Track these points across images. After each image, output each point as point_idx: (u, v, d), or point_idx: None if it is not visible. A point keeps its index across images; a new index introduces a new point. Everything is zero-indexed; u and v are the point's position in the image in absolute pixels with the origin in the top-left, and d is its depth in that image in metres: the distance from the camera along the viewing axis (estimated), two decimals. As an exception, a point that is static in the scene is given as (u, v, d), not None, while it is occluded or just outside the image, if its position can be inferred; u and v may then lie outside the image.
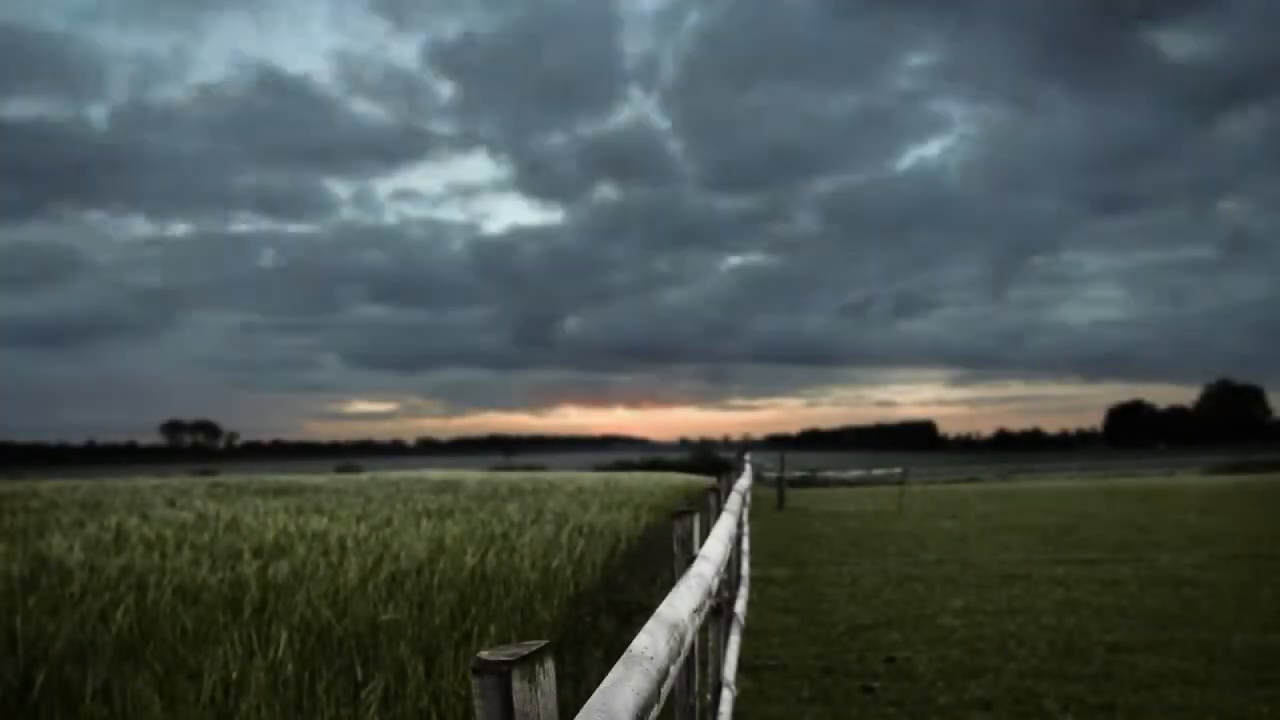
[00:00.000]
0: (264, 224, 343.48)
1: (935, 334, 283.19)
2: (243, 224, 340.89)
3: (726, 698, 4.28)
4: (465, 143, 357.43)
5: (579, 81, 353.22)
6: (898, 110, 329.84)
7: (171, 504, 15.20)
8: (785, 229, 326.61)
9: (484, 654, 0.96)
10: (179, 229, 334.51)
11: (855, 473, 34.64)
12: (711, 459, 51.23)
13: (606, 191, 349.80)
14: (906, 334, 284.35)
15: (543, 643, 1.01)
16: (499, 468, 49.47)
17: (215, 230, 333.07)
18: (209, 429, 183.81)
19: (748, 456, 19.74)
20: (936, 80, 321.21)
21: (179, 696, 4.48)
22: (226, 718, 4.40)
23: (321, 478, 28.20)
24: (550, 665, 1.00)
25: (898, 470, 24.99)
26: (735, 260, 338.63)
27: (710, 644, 4.26)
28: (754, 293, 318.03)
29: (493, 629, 5.83)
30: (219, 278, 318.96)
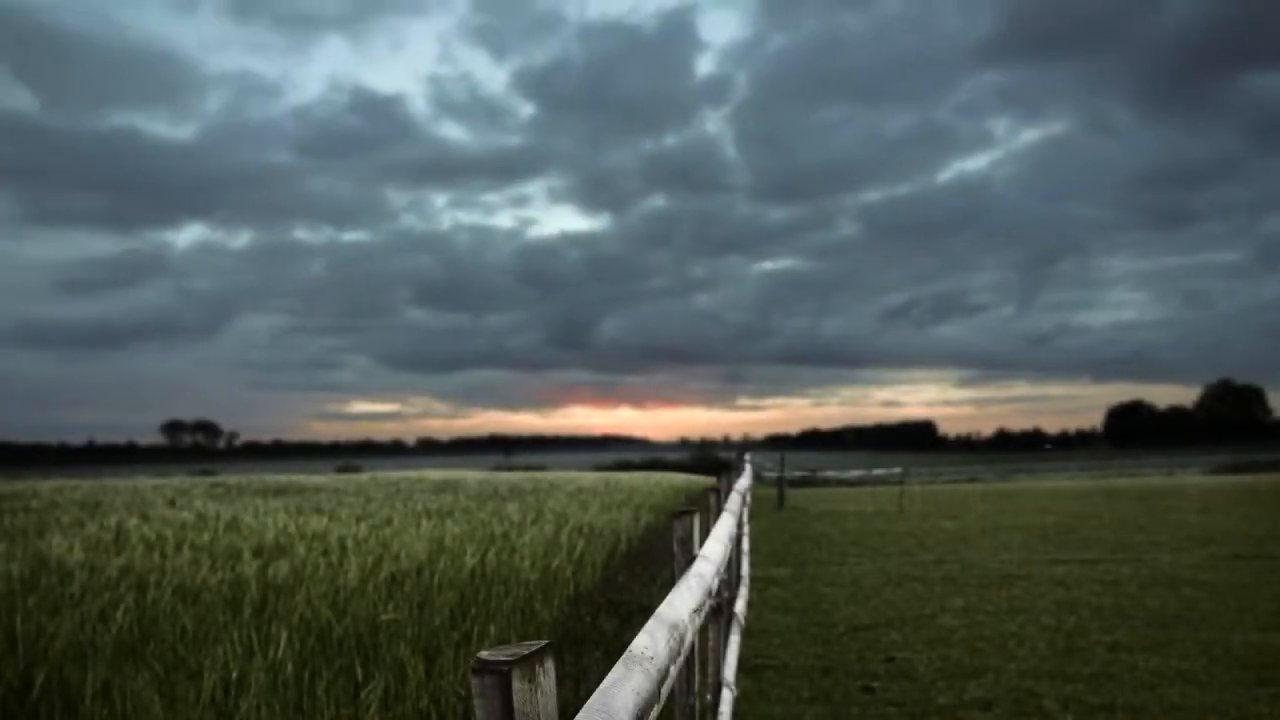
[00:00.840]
0: (326, 232, 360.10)
1: (958, 337, 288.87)
2: (308, 233, 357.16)
3: (726, 698, 4.28)
4: (534, 157, 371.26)
5: (651, 101, 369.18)
6: (954, 127, 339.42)
7: (171, 504, 15.20)
8: (824, 236, 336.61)
9: (484, 654, 0.96)
10: (252, 238, 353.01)
11: (855, 473, 34.67)
12: (711, 459, 51.22)
13: (657, 201, 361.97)
14: (928, 337, 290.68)
15: (543, 643, 1.01)
16: (499, 468, 49.48)
17: (281, 239, 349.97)
18: (209, 429, 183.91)
19: (748, 456, 19.75)
20: (994, 99, 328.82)
21: (179, 696, 4.48)
22: (226, 718, 4.40)
23: (321, 478, 28.21)
24: (550, 665, 1.00)
25: (898, 470, 24.99)
26: (769, 265, 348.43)
27: (710, 644, 4.26)
28: (785, 296, 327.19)
29: (493, 629, 5.83)
30: (280, 284, 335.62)
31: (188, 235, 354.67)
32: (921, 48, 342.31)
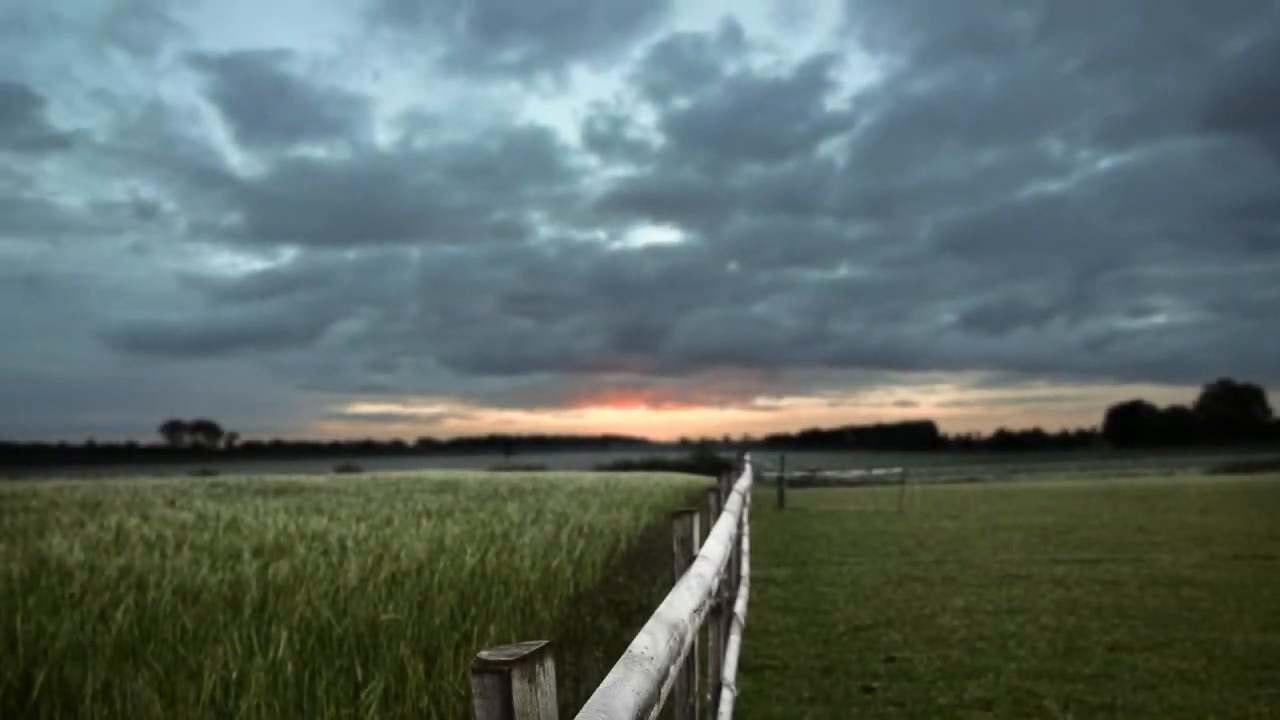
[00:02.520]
0: (435, 249, 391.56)
1: (1001, 342, 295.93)
2: (419, 249, 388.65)
3: (726, 698, 4.28)
4: (653, 183, 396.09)
5: (775, 137, 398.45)
6: (1046, 152, 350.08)
7: (171, 504, 15.20)
8: (896, 250, 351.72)
9: (484, 654, 0.96)
10: (369, 253, 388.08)
11: (855, 473, 34.64)
12: (711, 459, 51.20)
13: (752, 220, 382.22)
14: (972, 342, 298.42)
15: (543, 643, 1.01)
16: (499, 468, 49.48)
17: (395, 254, 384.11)
18: (209, 429, 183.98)
19: (747, 457, 19.76)
20: (1093, 133, 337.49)
21: (179, 696, 4.48)
22: (226, 718, 4.40)
23: (321, 478, 28.19)
24: (550, 665, 1.00)
25: (898, 470, 24.99)
26: (834, 275, 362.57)
27: (710, 644, 4.27)
28: (846, 304, 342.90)
29: (493, 629, 5.83)
30: (379, 294, 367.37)
31: (327, 253, 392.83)
32: (1048, 101, 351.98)
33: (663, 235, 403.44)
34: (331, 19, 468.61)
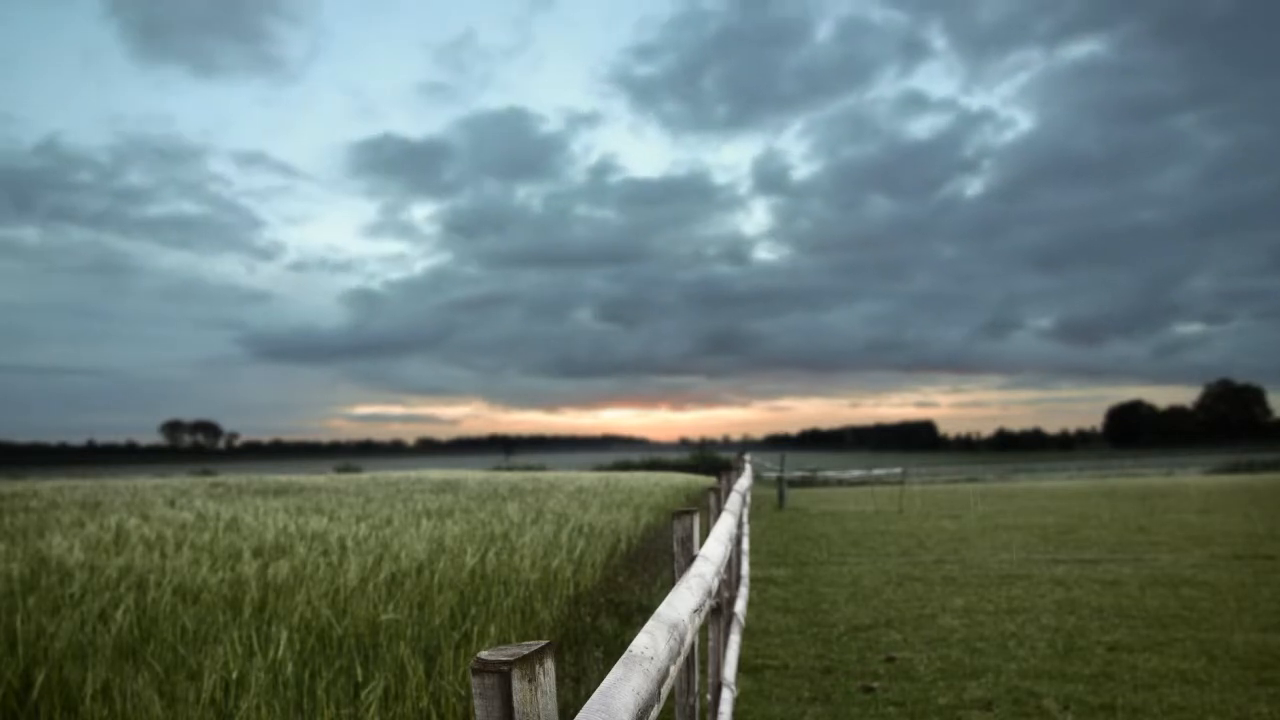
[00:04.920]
0: (570, 269, 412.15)
1: (1045, 349, 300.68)
2: (541, 271, 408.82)
3: (726, 698, 4.28)
4: (787, 214, 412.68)
5: (916, 176, 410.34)
6: (1146, 190, 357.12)
7: (171, 504, 15.21)
8: (975, 265, 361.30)
9: (484, 654, 0.96)
10: (513, 275, 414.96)
11: (855, 473, 34.64)
12: (711, 459, 51.19)
13: (861, 246, 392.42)
14: (1016, 348, 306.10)
15: (543, 643, 1.01)
16: (499, 468, 49.48)
17: (531, 276, 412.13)
18: (209, 429, 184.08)
19: (747, 457, 19.76)
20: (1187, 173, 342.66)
21: (179, 696, 4.48)
22: (226, 718, 4.40)
23: (321, 478, 28.20)
24: (550, 665, 1.00)
25: (898, 470, 25.00)
26: (910, 287, 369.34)
27: (710, 644, 4.27)
28: (915, 314, 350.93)
29: (493, 629, 5.83)
30: (502, 309, 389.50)
31: (468, 272, 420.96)
32: (1168, 149, 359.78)
33: (769, 254, 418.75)
34: (609, 87, 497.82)
